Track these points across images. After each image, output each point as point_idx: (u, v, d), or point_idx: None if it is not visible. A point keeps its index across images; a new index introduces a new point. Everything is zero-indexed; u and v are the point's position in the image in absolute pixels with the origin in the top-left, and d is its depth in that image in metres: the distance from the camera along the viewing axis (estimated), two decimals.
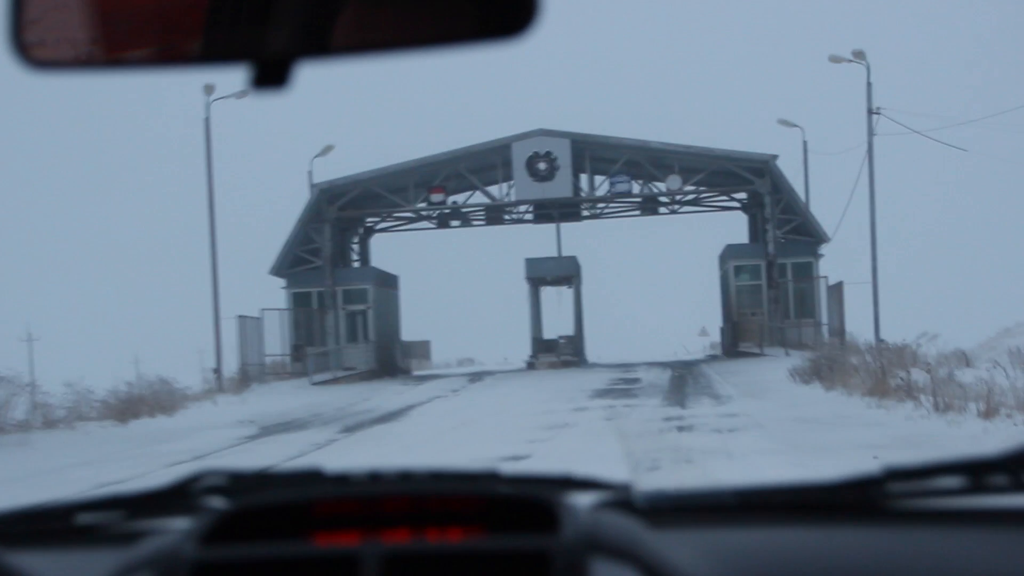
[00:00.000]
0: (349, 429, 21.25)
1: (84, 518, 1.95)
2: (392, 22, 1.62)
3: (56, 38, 1.69)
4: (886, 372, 21.04)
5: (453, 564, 1.57)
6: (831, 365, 25.86)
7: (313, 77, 1.72)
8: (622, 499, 1.86)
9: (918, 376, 20.81)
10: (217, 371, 38.08)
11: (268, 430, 22.44)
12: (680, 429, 17.35)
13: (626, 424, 18.57)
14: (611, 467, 11.97)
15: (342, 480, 1.85)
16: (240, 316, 39.84)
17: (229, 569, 1.58)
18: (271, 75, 1.57)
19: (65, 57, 1.69)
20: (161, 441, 20.38)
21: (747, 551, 1.73)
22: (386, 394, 32.47)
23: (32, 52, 1.69)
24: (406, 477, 1.82)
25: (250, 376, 39.68)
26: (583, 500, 1.77)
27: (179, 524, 1.80)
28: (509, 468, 1.98)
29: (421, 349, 67.12)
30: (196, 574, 1.57)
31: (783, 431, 16.52)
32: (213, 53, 1.63)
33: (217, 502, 1.86)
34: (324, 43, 1.59)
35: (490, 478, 1.87)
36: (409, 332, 56.14)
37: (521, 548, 1.56)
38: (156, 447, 19.24)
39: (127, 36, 1.67)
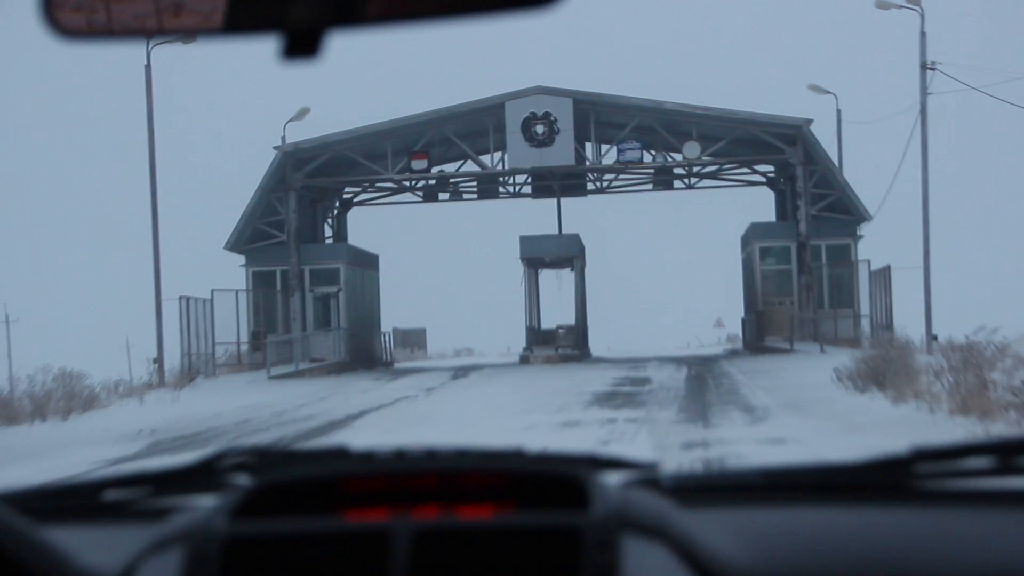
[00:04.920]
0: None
1: (111, 495, 2.00)
2: None
3: (85, 7, 1.67)
4: (985, 380, 15.48)
5: (483, 540, 1.56)
6: (892, 367, 20.30)
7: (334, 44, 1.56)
8: (650, 478, 1.87)
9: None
10: (158, 362, 33.00)
11: (159, 447, 17.10)
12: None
13: (628, 455, 13.08)
14: None
15: (368, 457, 1.81)
16: (184, 297, 34.15)
17: (259, 544, 1.58)
18: (301, 45, 1.56)
19: (93, 26, 1.68)
20: None
21: (774, 530, 1.73)
22: (348, 392, 27.87)
23: (61, 21, 1.67)
24: (432, 455, 1.78)
25: (197, 368, 34.34)
26: (611, 479, 1.74)
27: (205, 501, 1.78)
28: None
29: (416, 338, 62.17)
30: (227, 549, 1.58)
31: None
32: (241, 22, 1.60)
33: (243, 479, 1.84)
34: (354, 12, 1.57)
35: (516, 456, 1.81)
36: (402, 319, 51.14)
37: (552, 524, 1.56)
38: None
39: (154, 5, 1.64)
